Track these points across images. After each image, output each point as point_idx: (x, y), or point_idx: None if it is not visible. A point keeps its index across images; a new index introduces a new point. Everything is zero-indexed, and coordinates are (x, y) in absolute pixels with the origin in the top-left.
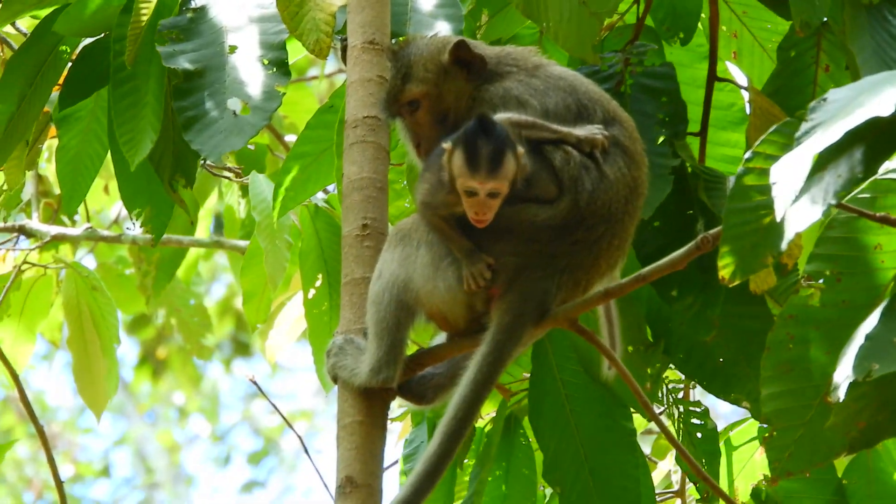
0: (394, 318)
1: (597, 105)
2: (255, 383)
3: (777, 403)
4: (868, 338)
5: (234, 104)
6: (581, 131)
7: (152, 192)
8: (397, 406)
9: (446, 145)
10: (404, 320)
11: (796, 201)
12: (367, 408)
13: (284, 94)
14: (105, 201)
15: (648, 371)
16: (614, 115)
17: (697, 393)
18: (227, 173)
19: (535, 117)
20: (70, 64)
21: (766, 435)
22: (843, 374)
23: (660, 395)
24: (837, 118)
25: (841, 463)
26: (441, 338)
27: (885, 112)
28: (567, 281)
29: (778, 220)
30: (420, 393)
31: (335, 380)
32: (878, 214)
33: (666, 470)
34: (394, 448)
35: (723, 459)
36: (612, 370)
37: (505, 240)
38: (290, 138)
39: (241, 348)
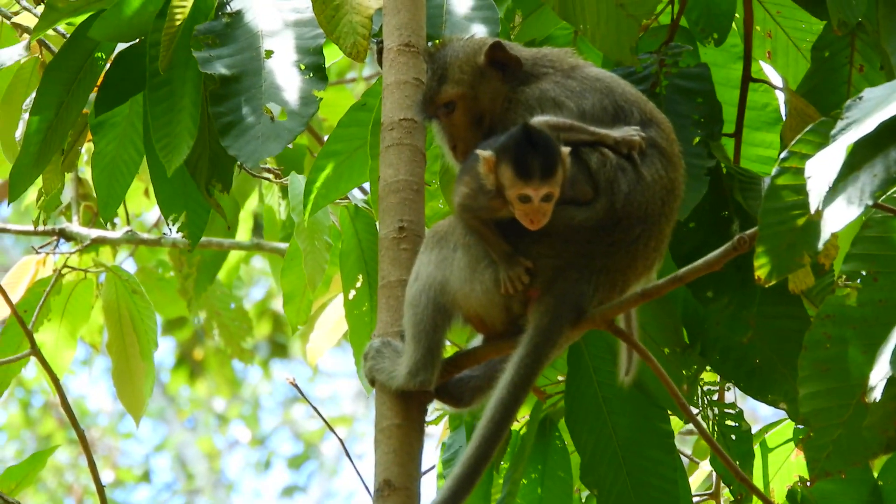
0: (431, 320)
1: (633, 106)
2: (295, 386)
3: (815, 403)
4: None
5: (272, 109)
6: (618, 133)
7: (189, 196)
8: (434, 409)
9: (486, 154)
10: (441, 323)
11: (832, 201)
12: (404, 411)
13: (321, 98)
14: (145, 204)
15: (684, 373)
16: (651, 117)
17: (735, 395)
18: (266, 175)
19: (571, 119)
20: (106, 69)
21: (804, 436)
22: (880, 374)
23: (695, 397)
24: (872, 114)
25: (879, 462)
26: (478, 340)
27: None
28: (604, 282)
29: (813, 212)
30: (457, 395)
31: (373, 383)
32: None
33: (707, 470)
34: (433, 452)
35: (758, 461)
36: (629, 375)
37: (542, 242)
38: None
39: (279, 350)
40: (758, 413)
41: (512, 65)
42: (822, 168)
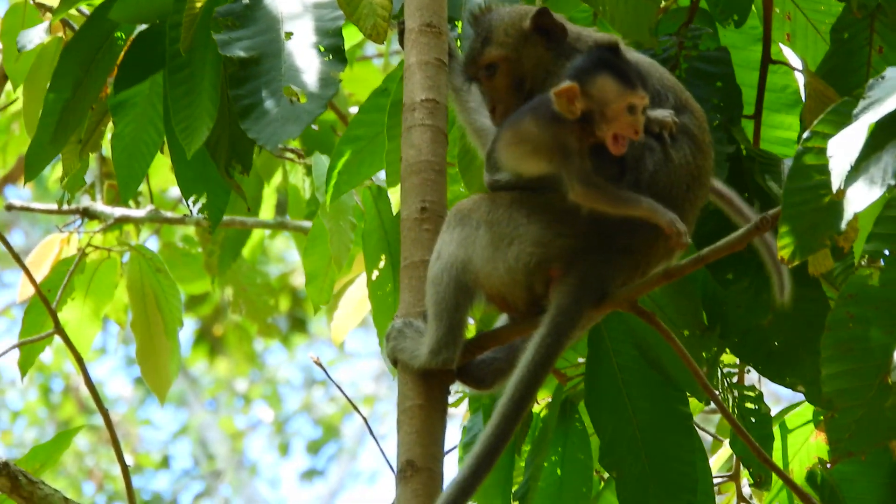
0: (453, 299)
1: (669, 92)
2: (319, 364)
3: (837, 384)
4: None
5: (291, 91)
6: (651, 112)
7: (209, 177)
8: (455, 391)
9: (566, 84)
10: (463, 301)
11: (855, 181)
12: (426, 391)
13: (341, 80)
14: (171, 179)
15: (704, 355)
16: (686, 104)
17: (758, 378)
18: (289, 154)
19: None
20: (126, 49)
21: (826, 416)
22: None
23: (715, 379)
24: (895, 93)
25: None
26: (502, 322)
27: None
28: (626, 263)
29: (834, 191)
30: (479, 377)
31: (395, 363)
32: None
33: (730, 450)
34: (456, 433)
35: (777, 443)
36: (785, 294)
37: (564, 221)
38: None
39: (298, 324)
40: (780, 394)
41: (557, 33)
42: (844, 147)
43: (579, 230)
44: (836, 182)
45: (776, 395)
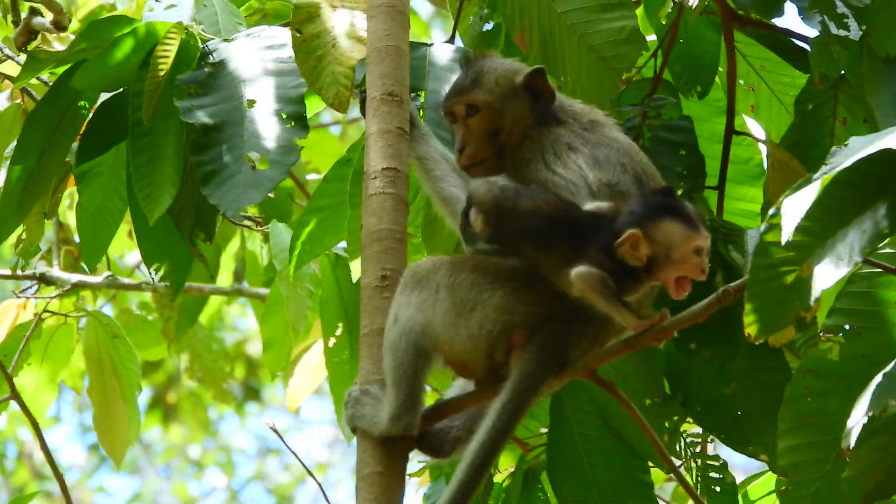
0: (411, 364)
1: (651, 177)
2: (275, 430)
3: (794, 456)
4: (886, 375)
5: (253, 158)
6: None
7: (172, 245)
8: (417, 461)
9: (632, 231)
10: (422, 366)
11: (822, 259)
12: (386, 458)
13: (302, 147)
14: (128, 245)
15: (666, 424)
16: (649, 180)
17: (713, 445)
18: (247, 222)
19: (585, 163)
20: (89, 118)
21: (782, 488)
22: (857, 418)
23: (677, 448)
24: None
25: None
26: (457, 389)
27: None
28: (587, 332)
29: (783, 244)
30: (437, 446)
31: (354, 430)
32: None
33: None
34: (414, 500)
35: None
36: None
37: (528, 290)
38: (314, 177)
39: (252, 394)
40: (733, 462)
41: (545, 96)
42: (795, 203)
43: (543, 298)
44: (786, 235)
45: (731, 465)
